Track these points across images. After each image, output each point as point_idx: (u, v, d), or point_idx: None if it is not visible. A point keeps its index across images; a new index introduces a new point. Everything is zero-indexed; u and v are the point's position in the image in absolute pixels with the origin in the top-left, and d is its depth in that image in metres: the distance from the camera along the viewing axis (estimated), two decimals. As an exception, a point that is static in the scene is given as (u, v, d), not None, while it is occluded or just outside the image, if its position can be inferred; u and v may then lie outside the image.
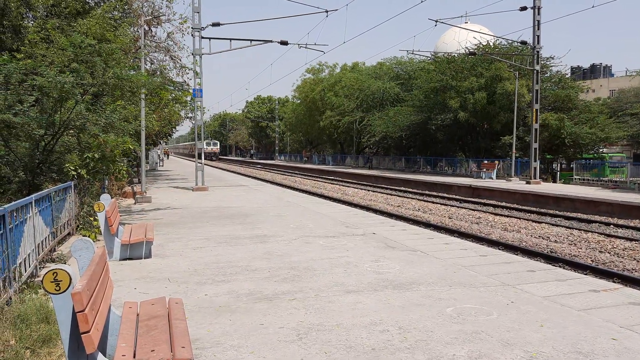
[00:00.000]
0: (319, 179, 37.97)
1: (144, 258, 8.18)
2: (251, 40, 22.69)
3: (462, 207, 20.22)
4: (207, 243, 9.46)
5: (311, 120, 59.74)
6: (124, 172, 12.98)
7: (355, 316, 5.30)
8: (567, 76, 37.84)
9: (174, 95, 23.48)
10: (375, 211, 18.25)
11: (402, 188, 29.30)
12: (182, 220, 12.58)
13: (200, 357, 4.28)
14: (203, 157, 22.76)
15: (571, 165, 30.35)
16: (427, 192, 27.05)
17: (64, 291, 3.16)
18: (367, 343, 4.58)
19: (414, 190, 27.35)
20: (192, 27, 21.45)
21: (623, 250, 11.65)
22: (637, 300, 5.89)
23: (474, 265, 7.63)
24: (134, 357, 3.43)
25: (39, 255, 7.28)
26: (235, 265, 7.63)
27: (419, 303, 5.74)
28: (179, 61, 22.80)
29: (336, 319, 5.22)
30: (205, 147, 72.38)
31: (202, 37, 21.46)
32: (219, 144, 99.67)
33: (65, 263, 7.61)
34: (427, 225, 15.25)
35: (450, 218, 17.16)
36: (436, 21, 24.93)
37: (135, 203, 16.60)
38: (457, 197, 24.11)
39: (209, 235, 10.26)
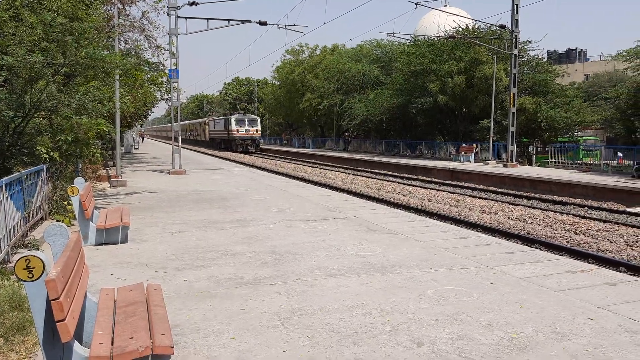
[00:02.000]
0: (299, 162, 37.83)
1: (121, 243, 8.03)
2: (229, 20, 22.31)
3: (442, 190, 20.36)
4: (186, 227, 9.33)
5: (291, 103, 59.29)
6: (98, 155, 12.71)
7: (338, 300, 5.27)
8: (543, 60, 38.14)
9: (149, 76, 23.04)
10: (356, 194, 18.26)
11: (383, 171, 29.39)
12: (159, 204, 12.40)
13: (180, 343, 4.21)
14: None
15: (547, 149, 30.77)
16: (407, 175, 27.18)
17: (38, 278, 3.05)
18: (350, 326, 4.55)
19: (394, 174, 27.47)
20: (167, 6, 20.98)
21: (597, 231, 11.87)
22: (612, 280, 5.98)
23: (454, 247, 7.67)
24: (112, 344, 3.34)
25: (10, 240, 7.08)
26: (215, 250, 7.54)
27: (400, 285, 5.74)
28: (154, 41, 22.27)
29: (318, 302, 5.19)
30: (234, 125, 51.76)
31: (178, 17, 21.01)
32: (259, 122, 54.88)
33: (38, 249, 7.42)
34: (407, 208, 15.31)
35: (430, 201, 17.27)
36: (416, 4, 24.82)
37: (110, 187, 16.31)
38: (437, 180, 24.27)
39: (187, 220, 10.12)
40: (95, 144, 12.53)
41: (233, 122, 51.56)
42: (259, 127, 53.17)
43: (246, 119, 52.30)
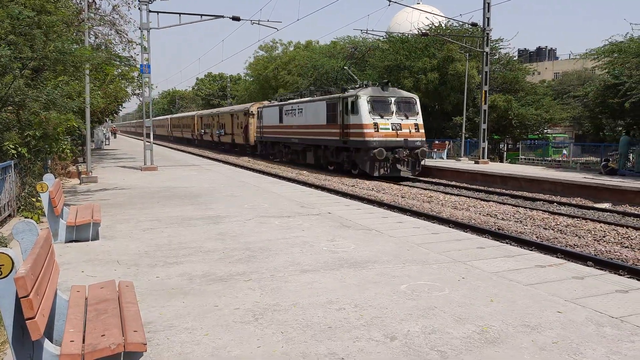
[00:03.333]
0: (273, 160, 37.66)
1: (91, 240, 7.90)
2: (202, 15, 22.08)
3: (414, 187, 20.55)
4: (158, 224, 9.22)
5: (265, 99, 59.03)
6: (68, 151, 12.46)
7: (312, 295, 5.29)
8: (514, 58, 38.80)
9: (120, 70, 22.65)
10: (330, 191, 18.30)
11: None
12: (131, 200, 12.23)
13: (153, 340, 4.17)
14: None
15: (517, 146, 31.33)
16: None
17: (6, 276, 2.98)
18: (324, 322, 4.58)
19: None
20: (138, 0, 20.64)
21: (566, 227, 12.14)
22: (580, 274, 6.14)
23: (426, 242, 7.77)
24: (84, 342, 3.29)
25: (-23, 238, 6.90)
26: (188, 246, 7.48)
27: (374, 281, 5.79)
28: (125, 35, 21.93)
29: (292, 298, 5.20)
30: (367, 114, 22.07)
31: (150, 11, 20.70)
32: (418, 106, 24.00)
33: (6, 246, 7.25)
34: (380, 204, 15.42)
35: (403, 197, 17.42)
36: (390, 1, 24.94)
37: (80, 183, 16.01)
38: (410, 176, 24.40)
39: (159, 216, 10.01)
40: (65, 140, 12.25)
41: (364, 103, 22.64)
42: (420, 119, 23.83)
43: (393, 99, 23.33)
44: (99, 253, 7.14)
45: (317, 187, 19.50)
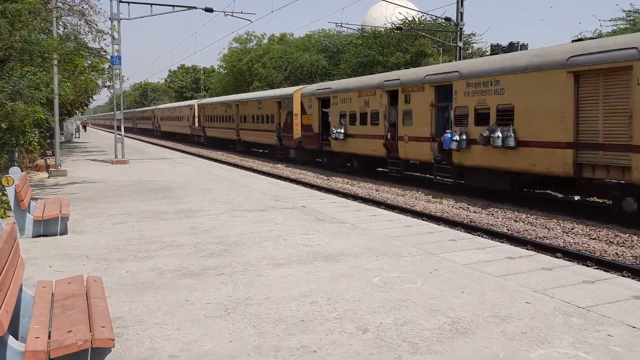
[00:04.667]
0: (247, 153, 37.46)
1: (60, 235, 7.74)
2: (174, 6, 21.77)
3: (389, 180, 20.65)
4: (129, 218, 9.08)
5: (238, 92, 58.49)
6: (36, 143, 12.17)
7: (285, 289, 5.27)
8: (487, 53, 39.26)
9: (90, 62, 22.18)
10: (305, 184, 18.27)
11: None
12: (101, 194, 12.01)
13: (122, 335, 4.10)
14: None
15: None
16: (356, 164, 27.30)
17: (-34, 272, 2.89)
18: (297, 315, 4.57)
19: (343, 164, 27.51)
20: (109, -10, 20.21)
21: (536, 219, 12.37)
22: (549, 265, 6.25)
23: (400, 235, 7.81)
24: (49, 338, 3.21)
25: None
26: (159, 240, 7.38)
27: (347, 274, 5.80)
28: (95, 26, 21.42)
29: (265, 292, 5.17)
30: None
31: (120, 1, 20.32)
32: None
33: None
34: (355, 197, 15.47)
35: (377, 191, 17.50)
36: (364, -6, 24.88)
37: (49, 177, 15.66)
38: (385, 170, 24.52)
39: (130, 210, 9.85)
40: (32, 132, 11.98)
41: None
42: None
43: None
44: (67, 248, 6.99)
45: (292, 180, 19.46)
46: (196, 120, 45.26)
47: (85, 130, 68.57)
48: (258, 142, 32.92)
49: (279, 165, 26.25)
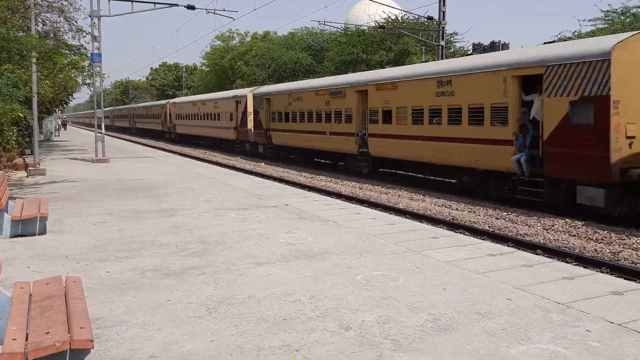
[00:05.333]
0: (231, 151, 37.27)
1: (38, 234, 7.62)
2: (155, 2, 21.55)
3: (373, 178, 20.70)
4: (109, 218, 8.97)
5: (222, 89, 58.27)
6: (14, 142, 11.97)
7: (267, 288, 5.25)
8: (469, 52, 39.55)
9: (69, 59, 21.86)
10: (288, 182, 18.24)
11: (315, 160, 29.42)
12: (81, 194, 11.85)
13: (101, 336, 4.05)
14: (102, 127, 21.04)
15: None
16: (339, 163, 27.35)
17: (-61, 273, 2.82)
18: (279, 314, 4.55)
19: (326, 162, 27.58)
20: (89, -13, 19.94)
21: (517, 216, 12.50)
22: (529, 262, 6.32)
23: (382, 233, 7.84)
24: (27, 340, 3.17)
25: None
26: (140, 240, 7.31)
27: (330, 272, 5.80)
28: (75, 23, 21.13)
29: (247, 291, 5.15)
30: None
31: (101, -2, 20.04)
32: None
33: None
34: (338, 195, 15.48)
35: (361, 189, 17.54)
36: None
37: (27, 176, 15.41)
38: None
39: (111, 210, 9.74)
40: (10, 131, 11.77)
41: None
42: None
43: None
44: (46, 248, 6.89)
45: (274, 178, 19.40)
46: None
47: (65, 129, 67.61)
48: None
49: (262, 164, 26.19)
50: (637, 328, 4.25)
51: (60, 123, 62.79)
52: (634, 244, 9.68)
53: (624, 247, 9.53)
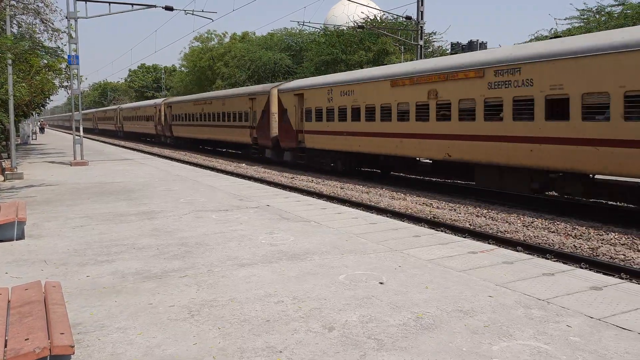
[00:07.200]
0: (210, 152, 37.06)
1: (16, 239, 7.48)
2: (132, 4, 21.31)
3: (354, 178, 20.75)
4: (89, 221, 8.85)
5: (201, 91, 57.80)
6: (-11, 146, 11.72)
7: (250, 289, 5.23)
8: (447, 52, 39.90)
9: (46, 61, 21.51)
10: (269, 183, 18.19)
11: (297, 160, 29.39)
12: (60, 197, 11.67)
13: (82, 342, 3.99)
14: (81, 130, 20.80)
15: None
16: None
17: None
18: (262, 315, 4.54)
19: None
20: (65, -13, 19.65)
21: (497, 213, 12.64)
22: (510, 259, 6.40)
23: (364, 232, 7.86)
24: (5, 347, 3.11)
25: None
26: (120, 243, 7.22)
27: (313, 272, 5.80)
28: (51, 24, 20.79)
29: (230, 293, 5.12)
30: None
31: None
32: None
33: None
34: (320, 195, 15.49)
35: (342, 188, 17.56)
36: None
37: (4, 180, 15.14)
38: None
39: (90, 213, 9.61)
40: (-15, 134, 11.53)
41: None
42: None
43: None
44: (24, 253, 6.77)
45: (255, 179, 19.34)
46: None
47: (43, 132, 66.47)
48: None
49: (243, 165, 26.07)
50: (616, 322, 4.33)
51: (39, 126, 61.69)
52: (611, 239, 9.86)
53: (602, 243, 9.70)
